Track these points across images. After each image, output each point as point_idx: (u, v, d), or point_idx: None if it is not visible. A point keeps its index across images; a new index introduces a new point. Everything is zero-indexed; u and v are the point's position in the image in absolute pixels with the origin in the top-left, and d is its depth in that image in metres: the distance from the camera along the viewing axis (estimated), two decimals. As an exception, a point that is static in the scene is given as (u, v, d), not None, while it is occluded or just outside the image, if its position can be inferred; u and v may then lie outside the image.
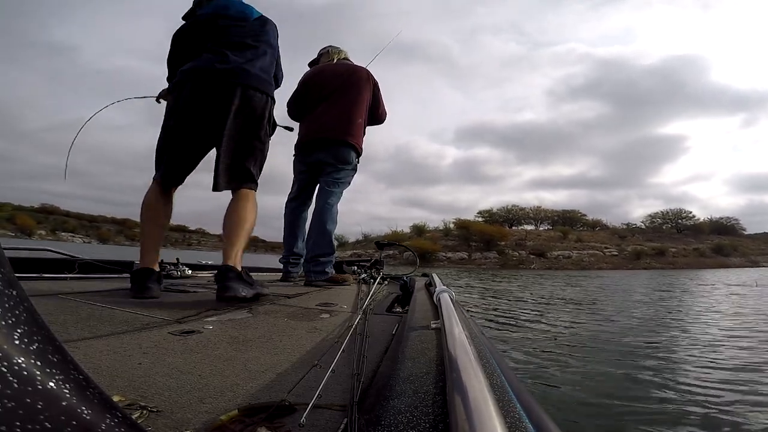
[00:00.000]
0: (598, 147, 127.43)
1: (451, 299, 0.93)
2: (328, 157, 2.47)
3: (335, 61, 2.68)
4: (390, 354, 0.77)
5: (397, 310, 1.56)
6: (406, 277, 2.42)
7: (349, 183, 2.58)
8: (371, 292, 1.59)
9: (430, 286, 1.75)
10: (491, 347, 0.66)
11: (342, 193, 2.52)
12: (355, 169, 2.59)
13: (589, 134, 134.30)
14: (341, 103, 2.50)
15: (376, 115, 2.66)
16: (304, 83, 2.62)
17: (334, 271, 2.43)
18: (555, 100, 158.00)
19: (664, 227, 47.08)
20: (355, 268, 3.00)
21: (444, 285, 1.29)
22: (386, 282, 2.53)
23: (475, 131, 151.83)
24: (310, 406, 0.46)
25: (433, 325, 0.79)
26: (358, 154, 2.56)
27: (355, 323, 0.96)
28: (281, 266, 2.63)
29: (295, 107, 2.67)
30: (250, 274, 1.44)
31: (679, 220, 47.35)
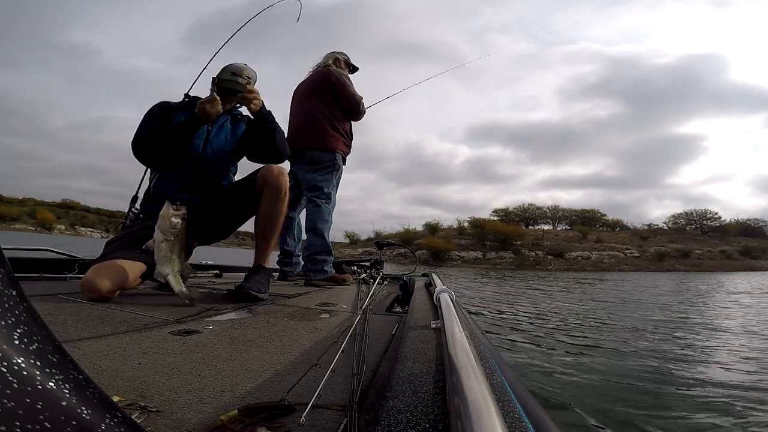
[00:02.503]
0: (612, 146, 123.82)
1: (450, 299, 0.93)
2: (301, 166, 2.51)
3: (312, 71, 2.69)
4: (390, 354, 0.77)
5: (397, 310, 1.56)
6: (406, 277, 2.43)
7: (332, 181, 2.50)
8: (371, 292, 1.59)
9: (429, 286, 1.75)
10: (491, 347, 0.66)
11: (329, 193, 2.47)
12: (333, 167, 2.49)
13: (603, 133, 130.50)
14: (298, 112, 2.59)
15: (344, 109, 2.57)
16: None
17: (333, 271, 2.44)
18: (567, 98, 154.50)
19: (687, 228, 44.99)
20: (355, 268, 3.00)
21: (444, 285, 1.29)
22: (386, 282, 2.53)
23: (485, 130, 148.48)
24: (309, 406, 0.46)
25: (433, 325, 0.79)
26: (330, 151, 2.48)
27: (355, 323, 0.96)
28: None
29: None
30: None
31: (704, 221, 45.14)
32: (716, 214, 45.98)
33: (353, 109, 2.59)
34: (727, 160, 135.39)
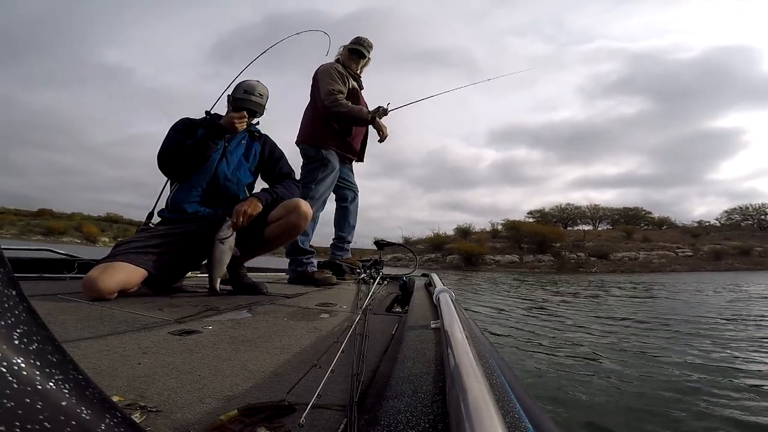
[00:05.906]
0: (644, 144, 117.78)
1: (450, 299, 0.93)
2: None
3: None
4: (389, 354, 0.77)
5: (397, 310, 1.56)
6: (406, 277, 2.42)
7: (317, 176, 2.48)
8: (371, 292, 1.59)
9: (429, 286, 1.75)
10: (491, 348, 0.66)
11: (309, 186, 2.45)
12: (320, 162, 2.49)
13: (632, 131, 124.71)
14: (304, 112, 2.70)
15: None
16: None
17: (310, 268, 2.40)
18: (589, 97, 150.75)
19: (743, 224, 40.94)
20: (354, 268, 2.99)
21: (444, 285, 1.29)
22: (386, 282, 2.53)
23: (508, 132, 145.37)
24: (309, 406, 0.46)
25: (433, 325, 0.79)
26: (317, 146, 2.50)
27: (355, 323, 0.95)
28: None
29: None
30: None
31: (762, 216, 40.72)
32: (777, 208, 40.93)
33: (319, 99, 2.48)
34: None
